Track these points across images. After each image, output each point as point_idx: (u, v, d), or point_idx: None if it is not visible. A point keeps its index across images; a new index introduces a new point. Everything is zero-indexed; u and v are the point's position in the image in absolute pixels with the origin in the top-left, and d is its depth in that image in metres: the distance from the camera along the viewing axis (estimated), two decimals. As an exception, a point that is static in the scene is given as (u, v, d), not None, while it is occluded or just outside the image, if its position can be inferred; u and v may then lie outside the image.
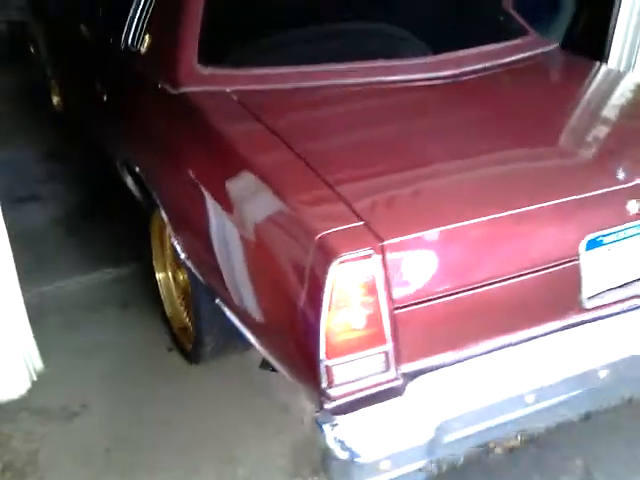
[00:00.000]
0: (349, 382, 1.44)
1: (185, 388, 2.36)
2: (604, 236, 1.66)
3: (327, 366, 1.40)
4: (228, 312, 1.84)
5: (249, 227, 1.65)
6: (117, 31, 2.67)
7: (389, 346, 1.45)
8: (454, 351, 1.56)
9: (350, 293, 1.39)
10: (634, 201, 1.65)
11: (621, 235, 1.68)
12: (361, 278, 1.39)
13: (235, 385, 2.36)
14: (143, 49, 2.47)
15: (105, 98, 2.80)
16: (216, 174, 1.83)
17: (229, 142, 1.83)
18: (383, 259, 1.41)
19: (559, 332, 1.65)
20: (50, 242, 3.26)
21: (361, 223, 1.45)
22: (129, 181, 2.62)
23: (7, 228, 2.33)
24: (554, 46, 2.67)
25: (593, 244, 1.65)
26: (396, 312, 1.44)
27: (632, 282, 1.76)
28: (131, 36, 2.58)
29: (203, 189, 1.85)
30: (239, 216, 1.69)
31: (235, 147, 1.80)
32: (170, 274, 2.54)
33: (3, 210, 2.28)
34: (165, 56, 2.25)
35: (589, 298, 1.69)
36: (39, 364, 2.44)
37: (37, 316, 2.55)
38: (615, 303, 1.73)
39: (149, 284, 2.69)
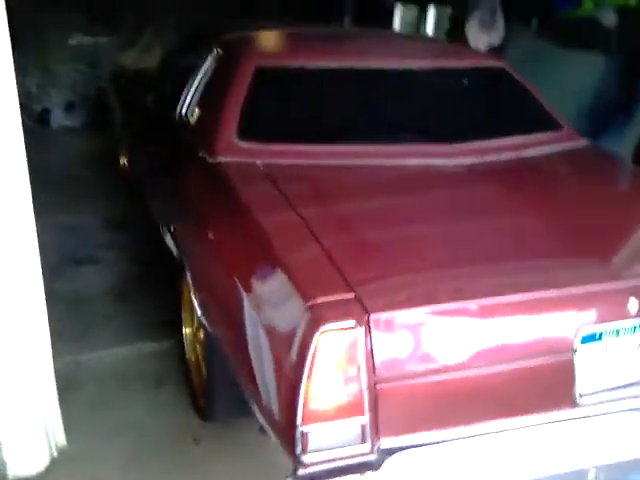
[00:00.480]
0: (323, 450, 1.45)
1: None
2: (602, 332, 1.65)
3: (303, 432, 1.42)
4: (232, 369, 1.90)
5: (253, 290, 1.74)
6: (175, 103, 2.99)
7: (366, 419, 1.45)
8: (436, 431, 1.54)
9: (331, 362, 1.43)
10: (634, 299, 1.63)
11: (620, 333, 1.67)
12: (343, 348, 1.42)
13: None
14: (192, 120, 2.77)
15: (158, 161, 3.08)
16: (230, 238, 1.97)
17: (246, 207, 1.97)
18: (368, 332, 1.44)
19: (549, 425, 1.62)
20: (98, 308, 3.26)
21: (352, 295, 1.49)
22: (168, 239, 2.74)
23: (60, 290, 2.32)
24: (584, 142, 2.71)
25: (590, 339, 1.64)
26: (377, 386, 1.46)
27: (630, 383, 1.71)
28: (185, 107, 2.90)
29: (218, 252, 2.00)
30: (245, 279, 1.77)
31: (249, 212, 1.93)
32: (194, 329, 2.54)
33: (59, 271, 2.29)
34: (209, 128, 2.49)
35: (582, 394, 1.65)
36: (62, 440, 2.35)
37: (68, 387, 2.50)
38: (610, 402, 1.68)
39: (185, 362, 2.60)
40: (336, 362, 1.43)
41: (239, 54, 2.74)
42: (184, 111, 2.89)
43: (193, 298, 2.21)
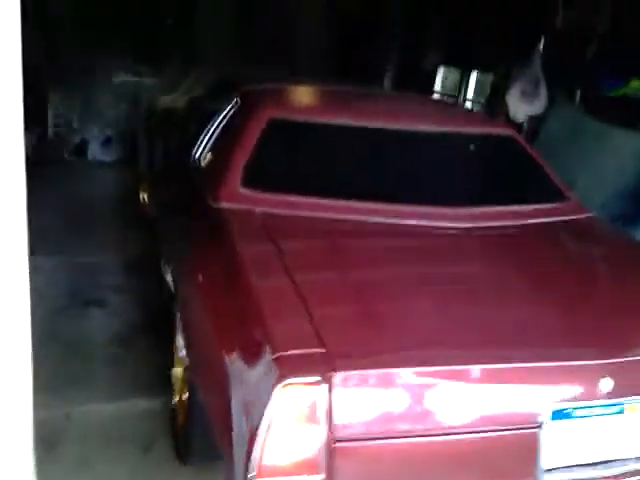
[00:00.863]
0: None
1: None
2: (573, 409, 1.62)
3: None
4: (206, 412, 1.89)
5: (230, 339, 1.71)
6: (193, 146, 3.07)
7: (321, 477, 1.42)
8: None
9: (291, 417, 1.40)
10: (608, 379, 1.61)
11: (590, 411, 1.64)
12: (304, 404, 1.40)
13: None
14: (204, 164, 2.83)
15: (170, 201, 3.16)
16: (215, 285, 1.97)
17: (234, 255, 1.96)
18: (332, 389, 1.41)
19: None
20: (97, 356, 3.14)
21: (321, 351, 1.45)
22: (168, 278, 2.74)
23: (63, 332, 2.22)
24: (589, 215, 2.68)
25: (560, 415, 1.61)
26: (336, 444, 1.43)
27: (597, 463, 1.68)
28: (200, 151, 2.96)
29: (202, 295, 2.03)
30: (223, 328, 1.77)
31: (237, 261, 1.92)
32: (182, 370, 2.53)
33: (65, 312, 2.23)
34: (218, 173, 2.51)
35: (547, 470, 1.63)
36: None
37: (53, 442, 2.36)
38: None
39: (176, 425, 2.46)
40: (296, 417, 1.40)
41: (255, 105, 2.80)
42: (198, 155, 2.96)
43: (178, 338, 2.27)
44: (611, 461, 1.71)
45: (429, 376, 1.53)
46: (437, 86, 6.93)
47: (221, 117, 3.00)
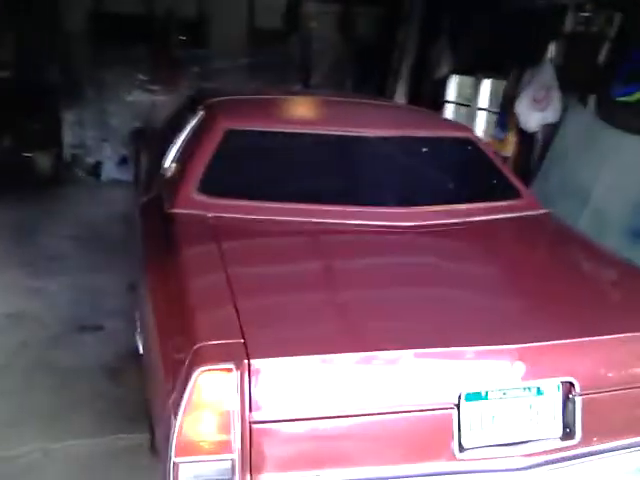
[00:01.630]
0: None
1: None
2: (487, 392, 1.71)
3: (175, 463, 1.51)
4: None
5: (165, 330, 1.84)
6: (163, 159, 3.20)
7: (236, 456, 1.53)
8: (309, 474, 1.60)
9: (206, 400, 1.52)
10: (521, 363, 1.70)
11: (504, 394, 1.73)
12: (219, 389, 1.52)
13: None
14: (168, 175, 2.92)
15: (143, 214, 3.18)
16: (159, 280, 2.10)
17: (177, 251, 2.13)
18: (247, 375, 1.53)
19: (426, 477, 1.67)
20: (83, 386, 3.08)
21: (240, 341, 1.58)
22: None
23: (52, 360, 2.16)
24: (543, 211, 2.78)
25: (474, 397, 1.70)
26: (251, 426, 1.55)
27: (510, 443, 1.75)
28: (166, 164, 3.06)
29: (148, 291, 2.15)
30: (161, 320, 1.91)
31: (179, 256, 2.09)
32: None
33: (59, 339, 2.22)
34: (175, 182, 2.67)
35: (463, 449, 1.70)
36: None
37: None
38: (490, 459, 1.72)
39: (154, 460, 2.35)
40: (211, 401, 1.53)
41: (214, 117, 2.98)
42: (165, 166, 3.05)
43: (137, 337, 2.37)
44: (528, 441, 1.77)
45: (343, 362, 1.63)
46: (450, 95, 6.76)
47: (187, 129, 3.15)
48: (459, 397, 1.69)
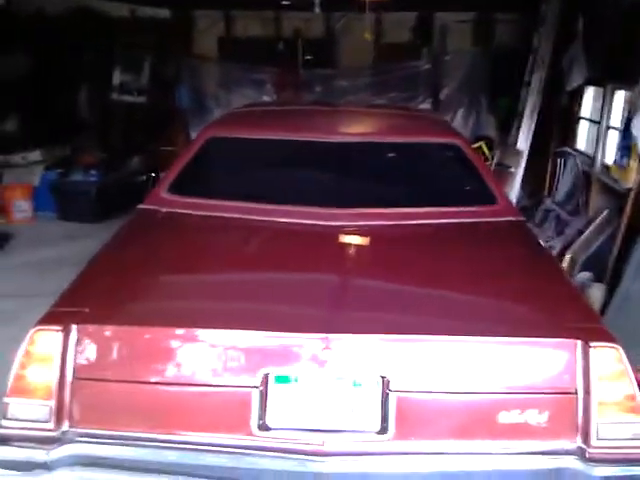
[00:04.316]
0: (18, 420, 1.81)
1: None
2: (298, 377, 1.79)
3: (5, 402, 1.81)
4: None
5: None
6: None
7: (54, 403, 1.79)
8: (120, 431, 1.78)
9: (36, 354, 1.82)
10: (333, 352, 1.77)
11: (318, 381, 1.79)
12: (47, 346, 1.81)
13: None
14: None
15: None
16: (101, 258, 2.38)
17: (116, 235, 2.54)
18: (72, 336, 1.80)
19: (225, 449, 1.76)
20: None
21: (79, 309, 1.88)
22: None
23: None
24: (516, 219, 2.76)
25: (283, 379, 1.78)
26: (73, 381, 1.80)
27: (321, 430, 1.78)
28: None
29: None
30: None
31: (111, 240, 2.48)
32: None
33: None
34: (157, 181, 3.15)
35: (267, 428, 1.77)
36: None
37: None
38: (294, 442, 1.77)
39: None
40: (41, 354, 1.82)
41: (208, 125, 3.37)
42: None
43: None
44: (339, 431, 1.78)
45: (158, 335, 1.84)
46: (585, 110, 5.60)
47: None
48: (267, 378, 1.77)
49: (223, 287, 2.14)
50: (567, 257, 4.36)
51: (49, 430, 1.78)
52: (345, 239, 2.53)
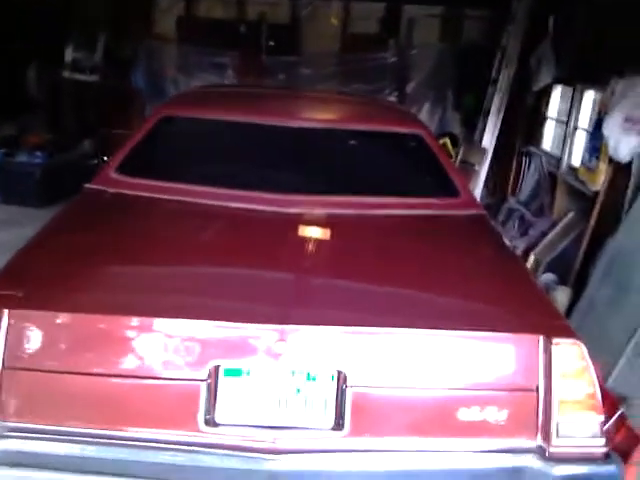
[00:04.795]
0: None
1: None
2: (250, 370, 1.69)
3: None
4: None
5: None
6: None
7: None
8: (53, 425, 1.66)
9: None
10: (282, 343, 1.67)
11: (269, 374, 1.69)
12: None
13: None
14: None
15: None
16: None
17: (58, 215, 2.45)
18: (3, 322, 1.66)
19: (170, 445, 1.66)
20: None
21: (11, 293, 1.73)
22: None
23: None
24: (477, 212, 2.71)
25: (233, 372, 1.69)
26: (3, 370, 1.66)
27: (272, 427, 1.69)
28: None
29: None
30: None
31: (53, 221, 2.36)
32: None
33: None
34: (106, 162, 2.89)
35: (215, 424, 1.68)
36: None
37: None
38: (243, 438, 1.67)
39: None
40: None
41: (162, 104, 3.28)
42: None
43: None
44: (290, 427, 1.70)
45: (97, 322, 1.70)
46: (552, 110, 5.55)
47: None
48: (216, 371, 1.67)
49: (171, 274, 2.01)
50: (531, 258, 4.28)
51: None
52: (301, 227, 2.42)
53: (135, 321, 1.70)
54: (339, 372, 1.69)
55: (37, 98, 7.30)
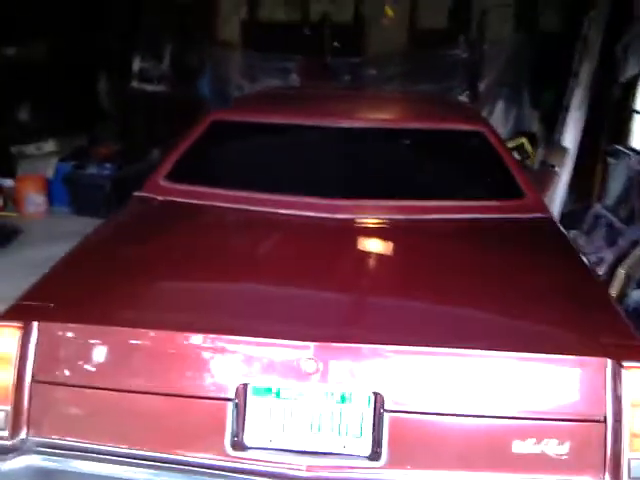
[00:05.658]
0: None
1: None
2: (280, 389, 1.61)
3: None
4: None
5: None
6: None
7: (9, 409, 1.62)
8: (82, 441, 1.63)
9: None
10: (312, 361, 1.58)
11: (301, 394, 1.61)
12: (3, 344, 1.64)
13: None
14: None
15: None
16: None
17: (104, 224, 2.49)
18: (33, 334, 1.64)
19: (194, 468, 1.59)
20: None
21: (42, 304, 1.72)
22: None
23: None
24: (544, 215, 2.58)
25: (263, 392, 1.61)
26: (32, 384, 1.63)
27: (304, 452, 1.60)
28: None
29: None
30: None
31: (100, 230, 2.38)
32: None
33: None
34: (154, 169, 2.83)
35: (243, 447, 1.60)
36: None
37: None
38: (272, 465, 1.58)
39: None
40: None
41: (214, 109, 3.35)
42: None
43: None
44: (325, 453, 1.59)
45: (124, 336, 1.65)
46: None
47: None
48: (245, 389, 1.60)
49: (207, 287, 1.96)
50: (621, 272, 3.86)
51: (4, 439, 1.63)
52: (353, 235, 2.34)
53: (164, 335, 1.65)
54: (376, 394, 1.58)
55: (108, 109, 7.45)
